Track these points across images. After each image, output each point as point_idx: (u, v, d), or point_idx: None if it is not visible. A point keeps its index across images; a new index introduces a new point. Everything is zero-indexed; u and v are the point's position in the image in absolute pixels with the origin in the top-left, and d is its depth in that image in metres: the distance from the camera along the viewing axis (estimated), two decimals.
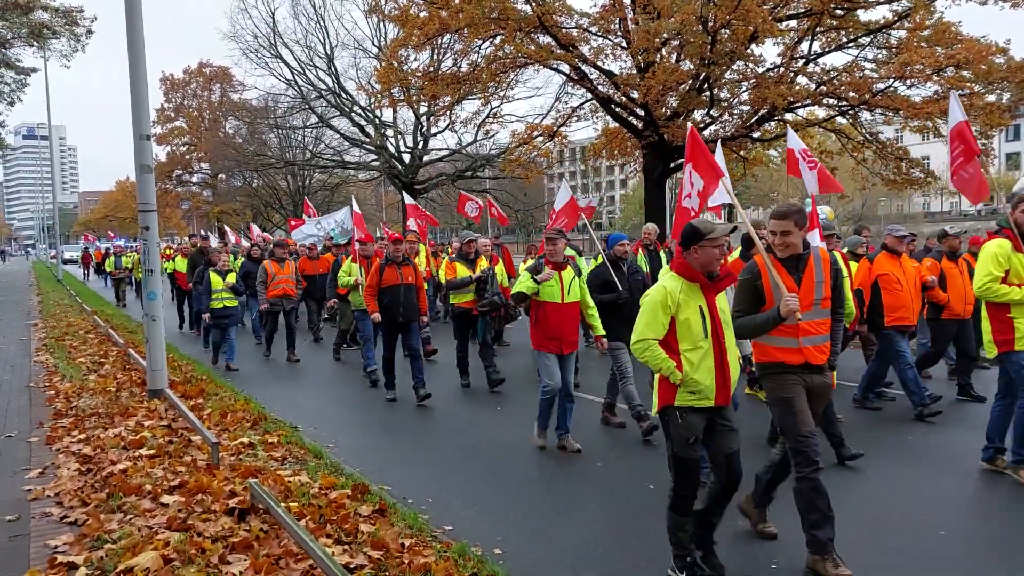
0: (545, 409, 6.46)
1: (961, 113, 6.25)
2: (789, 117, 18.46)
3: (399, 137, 34.92)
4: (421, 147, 34.53)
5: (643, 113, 18.55)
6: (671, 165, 20.22)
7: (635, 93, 18.00)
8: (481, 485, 5.60)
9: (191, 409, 6.77)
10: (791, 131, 8.41)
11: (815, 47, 18.06)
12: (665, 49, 18.03)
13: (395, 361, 8.63)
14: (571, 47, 18.26)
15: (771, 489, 4.46)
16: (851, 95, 17.01)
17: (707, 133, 18.34)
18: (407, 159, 34.25)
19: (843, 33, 17.81)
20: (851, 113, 18.13)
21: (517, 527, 4.74)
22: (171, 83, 58.52)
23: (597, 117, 21.45)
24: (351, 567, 3.68)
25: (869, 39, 17.67)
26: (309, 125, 38.41)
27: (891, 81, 16.74)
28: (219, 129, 51.98)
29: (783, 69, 17.64)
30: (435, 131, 34.23)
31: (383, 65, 23.17)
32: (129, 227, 65.74)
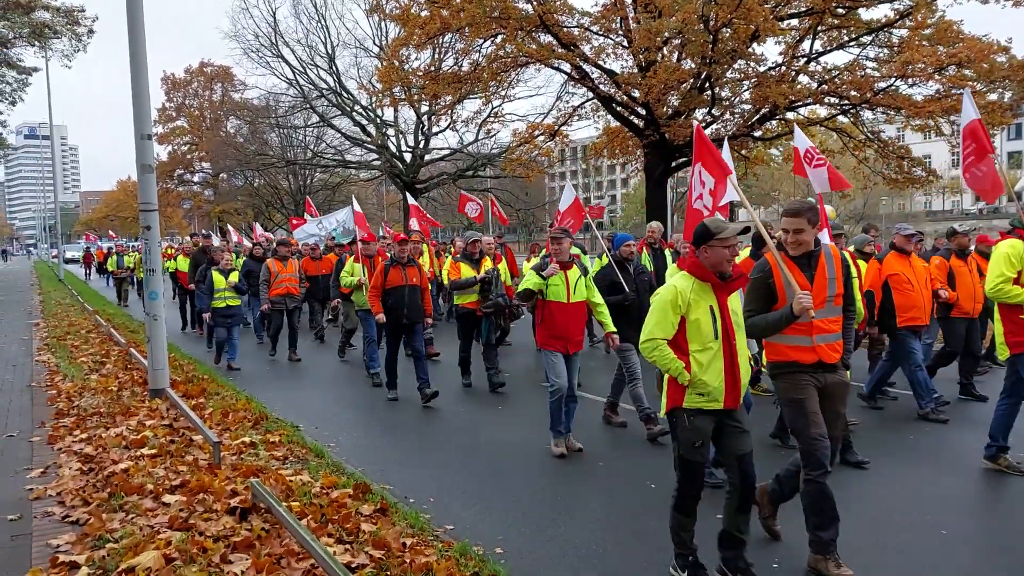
0: (556, 412, 6.30)
1: (974, 112, 6.19)
2: (790, 116, 18.44)
3: (400, 136, 34.95)
4: (422, 146, 34.55)
5: (644, 112, 18.54)
6: (672, 164, 20.22)
7: (636, 92, 17.99)
8: (482, 485, 5.60)
9: (192, 409, 6.78)
10: (798, 130, 8.37)
11: (816, 46, 18.05)
12: (666, 48, 18.03)
13: (398, 362, 8.62)
14: (572, 46, 18.26)
15: (792, 494, 4.33)
16: (853, 94, 16.99)
17: (708, 132, 18.30)
18: (408, 158, 34.27)
19: (844, 32, 17.80)
20: (852, 112, 18.11)
21: (518, 526, 4.74)
22: (172, 82, 58.67)
23: (598, 116, 21.44)
24: (352, 566, 3.69)
25: (871, 38, 17.66)
26: (310, 124, 38.47)
27: (893, 80, 16.73)
28: (220, 128, 52.08)
29: (784, 68, 17.63)
30: (436, 130, 34.32)
31: (384, 64, 23.17)
32: (131, 226, 65.80)
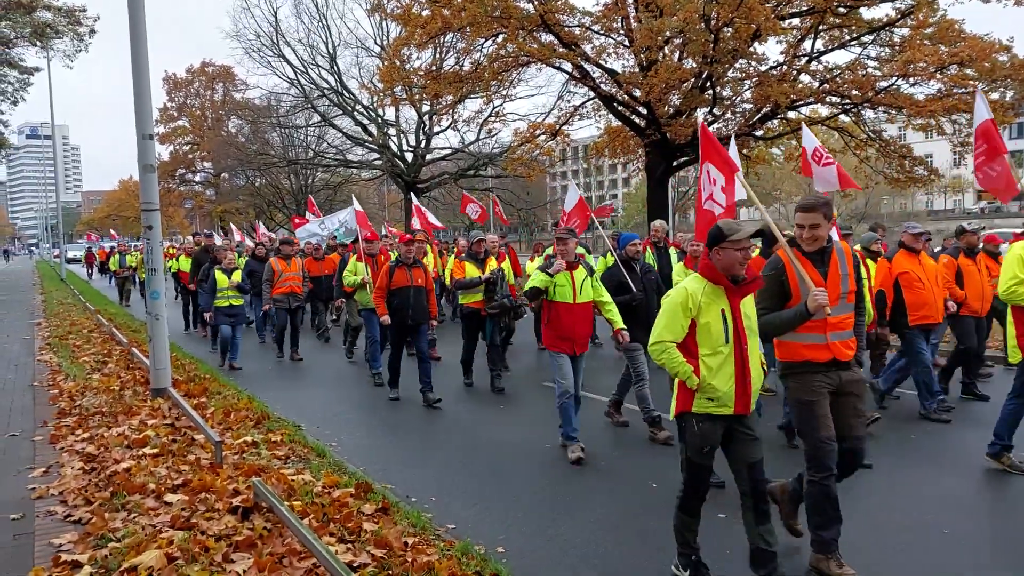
0: (567, 414, 6.16)
1: (987, 111, 6.14)
2: (792, 115, 18.43)
3: (402, 136, 34.93)
4: (423, 146, 34.53)
5: (645, 111, 18.53)
6: (674, 163, 20.20)
7: (637, 91, 17.97)
8: (483, 484, 5.60)
9: (194, 408, 6.78)
10: (806, 129, 8.35)
11: (818, 45, 18.02)
12: (667, 47, 18.01)
13: (401, 362, 8.59)
14: (573, 46, 18.25)
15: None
16: (854, 93, 16.97)
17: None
18: (410, 158, 34.25)
19: (846, 31, 17.78)
20: (854, 111, 18.09)
21: (519, 526, 4.74)
22: (174, 82, 58.74)
23: (599, 116, 21.42)
24: (354, 566, 3.69)
25: (872, 37, 17.63)
26: (312, 124, 38.45)
27: (894, 79, 16.70)
28: (222, 128, 52.14)
29: (786, 67, 17.61)
30: (438, 130, 34.28)
31: (385, 64, 23.17)
32: (132, 226, 65.83)
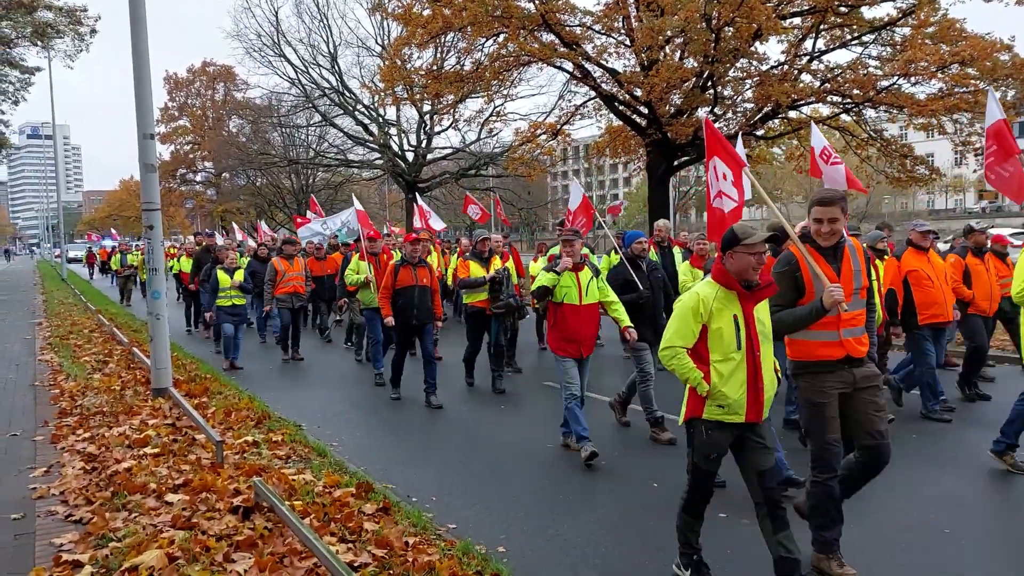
0: (575, 416, 6.07)
1: (999, 112, 6.04)
2: (793, 115, 18.42)
3: (402, 135, 34.93)
4: (424, 145, 34.53)
5: (646, 111, 18.53)
6: (675, 163, 20.21)
7: (638, 91, 17.97)
8: (484, 484, 5.60)
9: (195, 408, 6.78)
10: (815, 128, 8.32)
11: (819, 44, 18.03)
12: (668, 47, 18.02)
13: (404, 362, 8.57)
14: (574, 45, 18.25)
15: (849, 491, 4.08)
16: (855, 92, 16.98)
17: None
18: (410, 157, 34.25)
19: (847, 30, 17.79)
20: (855, 110, 18.10)
21: (520, 526, 4.74)
22: (175, 82, 58.79)
23: (600, 115, 21.43)
24: (355, 565, 3.69)
25: (873, 36, 17.64)
26: (313, 124, 38.45)
27: (895, 78, 16.70)
28: (223, 128, 52.17)
29: (787, 67, 17.61)
30: (439, 129, 34.30)
31: (386, 63, 23.19)
32: (133, 226, 65.93)
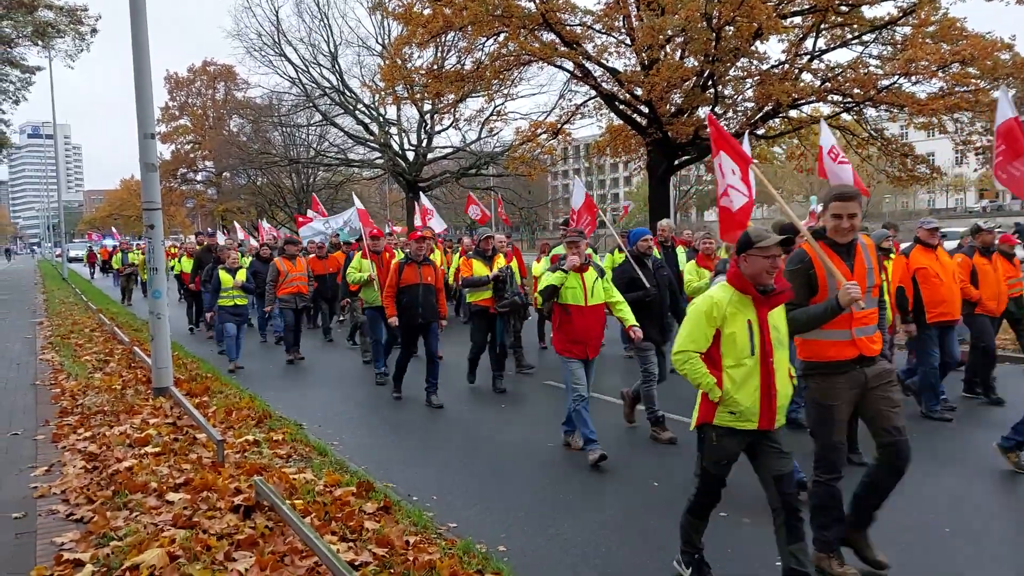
0: (582, 418, 6.01)
1: (1011, 110, 5.91)
2: (794, 114, 18.41)
3: (403, 135, 34.92)
4: (425, 145, 34.51)
5: (647, 110, 18.51)
6: (675, 162, 20.19)
7: (639, 90, 17.96)
8: (485, 483, 5.61)
9: (196, 407, 6.78)
10: (824, 126, 8.27)
11: (820, 44, 18.01)
12: (669, 46, 18.01)
13: (408, 361, 8.52)
14: (575, 44, 18.24)
15: (870, 505, 3.99)
16: (856, 92, 16.95)
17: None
18: (411, 157, 34.25)
19: (848, 29, 17.76)
20: (856, 110, 18.07)
21: (521, 525, 4.75)
22: (175, 81, 58.72)
23: (601, 114, 21.41)
24: (356, 564, 3.69)
25: (874, 35, 17.61)
26: (313, 123, 38.43)
27: (896, 78, 16.68)
28: (223, 127, 52.12)
29: (787, 66, 17.59)
30: (439, 129, 34.25)
31: (387, 63, 23.17)
32: (134, 225, 65.91)
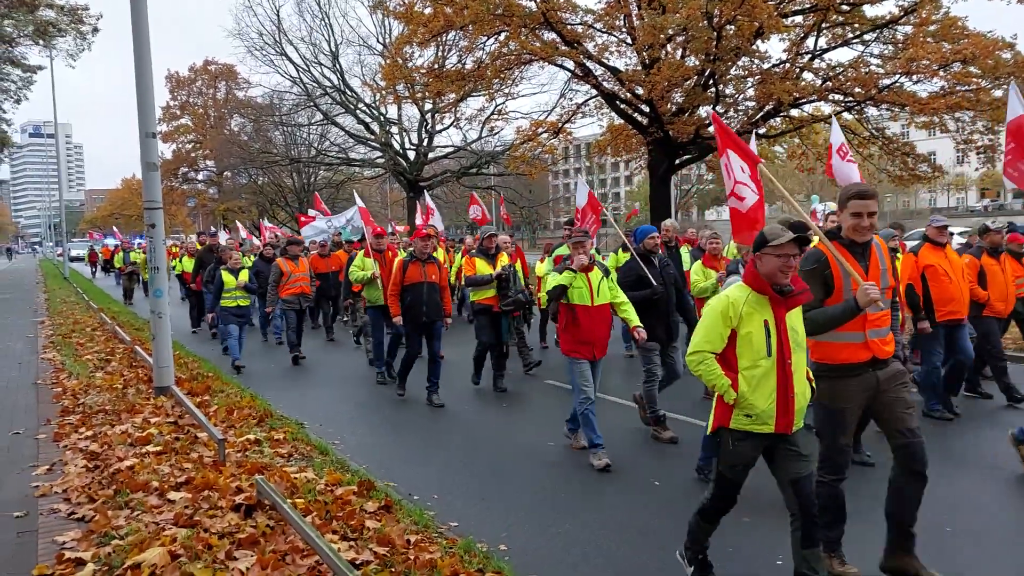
0: (589, 421, 5.92)
1: (1021, 107, 5.85)
2: (795, 113, 18.41)
3: (404, 134, 34.95)
4: (426, 144, 34.54)
5: (648, 109, 18.53)
6: (676, 161, 20.19)
7: (640, 89, 17.98)
8: (485, 482, 5.60)
9: (197, 406, 6.78)
10: (835, 123, 8.22)
11: (821, 43, 18.03)
12: (670, 45, 18.02)
13: (414, 361, 8.48)
14: (576, 43, 18.25)
15: (904, 519, 3.81)
16: (857, 91, 16.97)
17: (711, 130, 18.25)
18: (412, 156, 34.27)
19: (849, 29, 17.77)
20: (857, 109, 18.08)
21: (522, 524, 4.75)
22: (176, 81, 58.72)
23: (602, 113, 21.44)
24: (357, 563, 3.69)
25: (875, 35, 17.62)
26: (314, 122, 38.50)
27: (897, 77, 16.69)
28: (224, 127, 52.17)
29: (789, 65, 17.60)
30: (440, 128, 34.29)
31: (388, 62, 23.20)
32: (135, 224, 65.87)
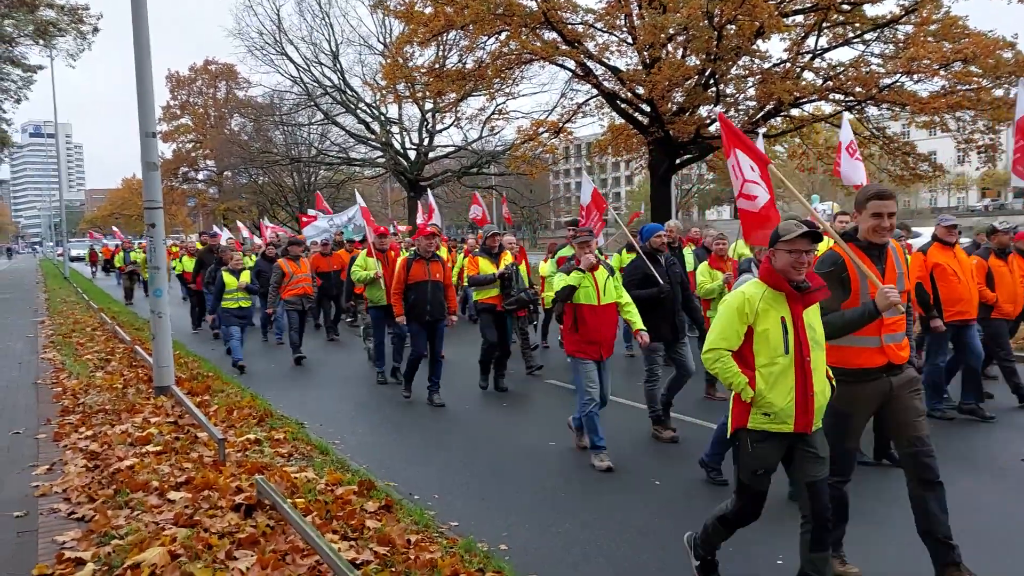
0: (592, 423, 5.85)
1: None
2: (796, 112, 18.40)
3: (404, 134, 34.96)
4: (426, 143, 34.55)
5: (649, 109, 18.52)
6: (677, 161, 20.19)
7: (641, 89, 17.97)
8: (486, 482, 5.60)
9: (197, 406, 6.78)
10: (846, 121, 8.19)
11: (821, 42, 18.02)
12: (671, 44, 18.01)
13: (420, 361, 8.44)
14: (576, 43, 18.24)
15: (938, 532, 3.75)
16: (858, 90, 16.97)
17: (712, 129, 18.29)
18: (412, 156, 34.28)
19: (849, 28, 17.77)
20: (858, 108, 18.06)
21: (522, 523, 4.74)
22: (176, 80, 58.74)
23: (603, 113, 21.43)
24: (357, 563, 3.69)
25: (876, 34, 17.61)
26: (314, 122, 38.49)
27: (898, 76, 16.69)
28: (225, 126, 52.18)
29: (789, 64, 17.60)
30: (440, 127, 34.30)
31: (388, 61, 23.19)
32: (135, 224, 65.90)
